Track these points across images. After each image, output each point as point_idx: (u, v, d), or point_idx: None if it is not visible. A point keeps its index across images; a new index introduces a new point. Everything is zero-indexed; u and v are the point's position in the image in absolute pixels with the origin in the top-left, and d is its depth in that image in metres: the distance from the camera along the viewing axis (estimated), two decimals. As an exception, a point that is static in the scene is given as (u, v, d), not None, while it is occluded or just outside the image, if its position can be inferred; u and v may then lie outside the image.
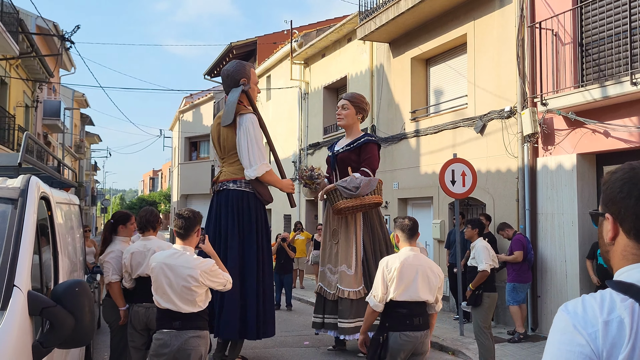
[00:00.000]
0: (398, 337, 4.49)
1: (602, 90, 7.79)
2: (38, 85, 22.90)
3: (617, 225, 1.39)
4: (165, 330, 4.21)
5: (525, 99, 9.45)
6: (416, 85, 12.89)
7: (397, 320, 4.53)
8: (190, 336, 4.18)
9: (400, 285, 4.50)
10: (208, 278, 4.23)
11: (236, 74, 7.46)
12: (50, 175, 4.48)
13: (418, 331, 4.53)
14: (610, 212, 1.41)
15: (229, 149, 7.32)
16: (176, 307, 4.19)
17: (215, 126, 7.63)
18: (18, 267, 2.52)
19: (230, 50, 24.30)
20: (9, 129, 17.05)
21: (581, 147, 8.57)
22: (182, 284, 4.16)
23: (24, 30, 17.43)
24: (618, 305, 1.26)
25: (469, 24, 10.96)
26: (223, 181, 7.31)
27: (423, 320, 4.60)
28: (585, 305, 1.29)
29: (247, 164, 7.11)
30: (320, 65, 17.58)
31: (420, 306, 4.60)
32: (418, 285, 4.54)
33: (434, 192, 11.74)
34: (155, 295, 4.30)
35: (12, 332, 2.30)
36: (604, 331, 1.23)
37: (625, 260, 1.37)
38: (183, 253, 4.28)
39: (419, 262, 4.61)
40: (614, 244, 1.41)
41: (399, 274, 4.50)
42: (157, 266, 4.28)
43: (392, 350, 4.49)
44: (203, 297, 4.27)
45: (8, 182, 3.06)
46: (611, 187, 1.41)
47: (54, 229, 3.56)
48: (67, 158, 32.41)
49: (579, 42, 8.68)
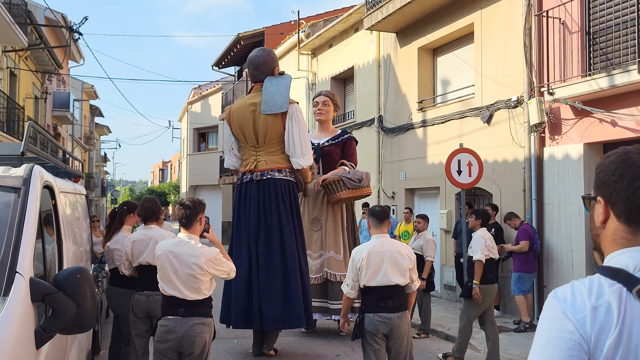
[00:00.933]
0: (372, 318, 4.80)
1: (609, 79, 7.73)
2: (47, 76, 23.03)
3: (608, 209, 1.40)
4: (170, 317, 4.28)
5: (532, 89, 9.40)
6: (423, 75, 12.85)
7: (371, 302, 4.84)
8: (195, 323, 4.24)
9: (369, 272, 4.80)
10: (212, 266, 4.29)
11: (271, 62, 7.40)
12: (55, 165, 4.52)
13: (392, 313, 4.80)
14: (602, 195, 1.41)
15: (271, 138, 7.23)
16: (181, 294, 4.25)
17: (248, 113, 7.24)
18: (20, 254, 2.55)
19: (237, 41, 24.30)
20: (19, 121, 17.18)
21: (588, 137, 8.53)
22: (187, 272, 4.23)
23: (32, 22, 17.51)
24: (606, 291, 1.27)
25: (476, 13, 10.89)
26: (265, 170, 7.20)
27: (397, 303, 4.84)
28: (574, 291, 1.30)
29: (299, 153, 7.15)
30: (327, 56, 17.55)
31: (392, 289, 4.83)
32: (387, 270, 4.81)
33: (440, 182, 11.73)
34: (161, 282, 4.37)
35: (15, 318, 2.34)
36: (592, 316, 1.24)
37: (615, 244, 1.38)
38: (188, 242, 4.34)
39: (386, 248, 4.86)
40: (604, 228, 1.42)
41: (366, 262, 4.80)
42: (162, 254, 4.35)
43: (367, 329, 4.81)
44: (207, 285, 4.34)
45: (11, 171, 3.10)
46: (604, 171, 1.42)
47: (58, 218, 3.60)
48: (77, 149, 32.62)
49: (586, 31, 8.61)
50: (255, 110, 7.20)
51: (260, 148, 7.31)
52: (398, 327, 4.81)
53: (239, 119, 7.35)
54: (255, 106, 7.23)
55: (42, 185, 3.22)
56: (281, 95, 7.15)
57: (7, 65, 17.09)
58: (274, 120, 7.15)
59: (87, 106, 38.78)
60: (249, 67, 7.48)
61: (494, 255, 6.99)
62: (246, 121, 7.27)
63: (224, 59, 27.05)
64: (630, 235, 1.36)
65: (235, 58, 27.00)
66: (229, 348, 7.67)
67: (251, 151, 7.37)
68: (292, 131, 7.19)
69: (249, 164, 7.32)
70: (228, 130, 7.54)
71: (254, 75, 7.44)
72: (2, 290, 2.39)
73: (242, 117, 7.31)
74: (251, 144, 7.35)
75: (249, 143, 7.38)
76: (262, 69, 7.35)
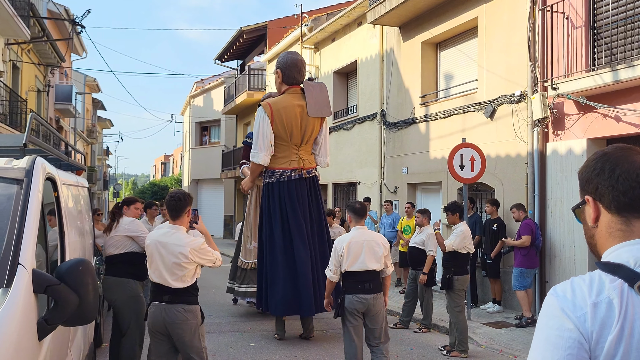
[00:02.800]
0: (352, 298, 5.44)
1: (613, 74, 7.69)
2: (50, 69, 22.99)
3: (597, 205, 1.41)
4: (157, 302, 4.52)
5: (536, 83, 9.37)
6: (426, 70, 12.81)
7: (351, 285, 5.49)
8: (178, 310, 4.45)
9: (349, 259, 5.44)
10: (197, 255, 4.49)
11: (305, 67, 8.32)
12: (57, 157, 4.52)
13: (369, 294, 5.44)
14: (588, 193, 1.43)
15: (312, 139, 8.12)
16: (166, 282, 4.46)
17: (297, 114, 7.84)
18: (22, 246, 2.55)
19: (240, 34, 24.25)
20: (21, 113, 17.17)
21: (592, 132, 8.50)
22: (173, 261, 4.44)
23: (35, 15, 17.47)
24: (607, 286, 1.26)
25: (479, 8, 10.84)
26: (310, 168, 8.06)
27: (373, 285, 5.50)
28: (574, 288, 1.29)
29: (326, 154, 8.27)
30: (330, 50, 17.51)
31: (369, 274, 5.48)
32: (365, 257, 5.45)
33: (443, 177, 11.71)
34: (149, 270, 4.60)
35: (17, 309, 2.34)
36: (592, 313, 1.23)
37: (612, 238, 1.37)
38: (175, 232, 4.55)
39: (365, 238, 5.53)
40: (597, 226, 1.41)
41: (347, 250, 5.44)
42: (151, 243, 4.57)
43: (347, 308, 5.45)
44: (192, 274, 4.53)
45: (14, 162, 3.09)
46: (586, 170, 1.44)
47: (60, 210, 3.60)
48: (79, 143, 32.63)
49: (591, 26, 8.56)
50: (302, 111, 7.89)
51: (301, 147, 8.01)
52: (374, 306, 5.45)
53: (288, 117, 7.83)
54: (301, 108, 7.90)
55: (45, 177, 3.21)
56: (326, 101, 8.07)
57: (9, 58, 17.07)
58: (317, 123, 8.05)
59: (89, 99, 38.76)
60: (291, 69, 8.00)
61: (472, 250, 7.48)
62: (296, 121, 7.86)
63: (227, 53, 27.00)
64: (625, 226, 1.35)
65: (238, 52, 26.95)
66: (231, 341, 7.69)
67: (293, 150, 7.95)
68: (326, 134, 8.24)
69: (293, 162, 7.90)
70: (269, 127, 7.76)
71: (294, 77, 8.05)
72: (5, 281, 2.39)
73: (291, 116, 7.83)
74: (295, 143, 7.94)
75: (292, 142, 7.93)
76: (303, 72, 8.19)
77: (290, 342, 7.68)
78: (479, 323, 8.81)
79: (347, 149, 16.13)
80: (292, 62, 7.98)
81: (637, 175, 1.35)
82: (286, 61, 8.02)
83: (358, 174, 15.59)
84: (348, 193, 16.69)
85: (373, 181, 14.73)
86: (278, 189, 7.80)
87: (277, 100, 8.03)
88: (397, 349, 7.40)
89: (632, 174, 1.35)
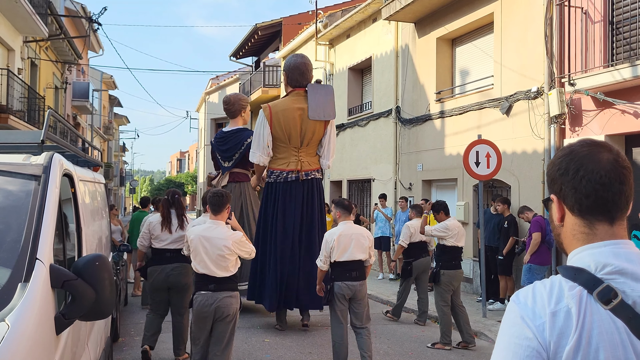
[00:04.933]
0: (340, 285, 6.04)
1: (632, 69, 7.60)
2: (67, 67, 23.23)
3: (562, 205, 1.37)
4: (203, 291, 5.02)
5: (553, 79, 9.27)
6: (441, 66, 12.73)
7: (339, 273, 6.08)
8: (224, 296, 5.00)
9: (339, 250, 6.01)
10: (238, 247, 5.04)
11: (312, 70, 8.34)
12: (74, 153, 4.56)
13: (355, 281, 6.06)
14: (553, 191, 1.39)
15: (314, 141, 8.20)
16: (211, 272, 4.98)
17: (297, 117, 7.96)
18: (40, 241, 2.58)
19: (255, 31, 24.28)
20: (39, 110, 17.37)
21: (609, 128, 8.40)
22: (217, 253, 4.96)
23: (52, 13, 17.65)
24: (566, 294, 1.24)
25: (496, 3, 10.75)
26: (309, 170, 8.16)
27: (359, 274, 6.11)
28: (535, 295, 1.28)
29: (329, 156, 8.30)
30: (345, 46, 17.47)
31: (356, 263, 6.09)
32: (353, 249, 6.03)
33: (458, 173, 11.65)
34: (194, 262, 5.10)
35: (35, 304, 2.37)
36: (551, 322, 1.22)
37: (575, 241, 1.35)
38: (217, 227, 5.06)
39: (352, 231, 6.11)
40: (563, 225, 1.39)
41: (337, 242, 6.00)
42: (195, 238, 5.05)
43: (336, 294, 6.06)
44: (234, 264, 5.08)
45: (32, 159, 3.13)
46: (551, 168, 1.40)
47: (77, 206, 3.63)
48: (96, 139, 32.93)
49: (610, 20, 8.46)
50: (302, 114, 7.98)
51: (302, 149, 8.13)
52: (359, 292, 6.09)
53: (286, 120, 7.98)
54: (302, 110, 8.00)
55: (62, 173, 3.24)
56: (329, 104, 8.11)
57: (28, 55, 17.27)
58: (320, 125, 8.11)
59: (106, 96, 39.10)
60: (293, 72, 8.13)
61: (459, 244, 7.57)
62: (294, 123, 7.98)
63: (242, 50, 27.05)
64: (588, 229, 1.33)
65: (252, 48, 26.97)
66: (245, 337, 7.72)
67: (292, 152, 8.10)
68: (331, 136, 8.27)
69: (291, 164, 8.07)
70: (267, 128, 8.01)
71: (297, 80, 8.15)
72: (23, 276, 2.42)
73: (290, 119, 7.97)
74: (294, 145, 8.09)
75: (291, 144, 8.09)
76: (307, 75, 8.19)
77: (304, 338, 7.70)
78: (494, 320, 8.77)
79: (361, 145, 16.10)
80: (295, 65, 8.16)
81: (600, 177, 1.30)
82: (289, 64, 8.25)
83: (373, 170, 15.56)
84: (363, 190, 16.67)
85: (388, 178, 14.69)
86: (274, 189, 8.17)
87: (277, 103, 8.44)
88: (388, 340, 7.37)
89: (596, 175, 1.30)
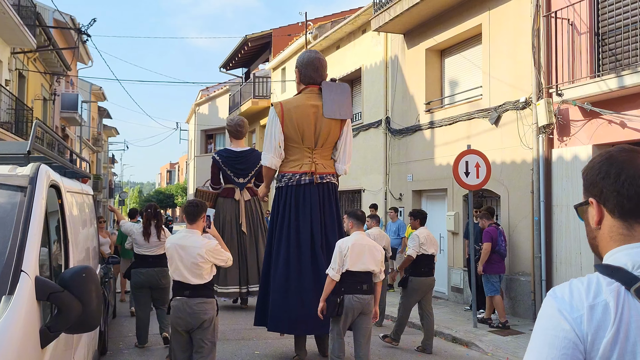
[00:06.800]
0: (351, 298, 5.80)
1: (618, 80, 7.67)
2: (56, 78, 23.13)
3: (601, 208, 1.41)
4: (178, 297, 5.11)
5: (541, 90, 9.35)
6: (431, 77, 12.81)
7: (350, 285, 5.82)
8: (198, 302, 5.07)
9: (353, 259, 5.82)
10: (212, 255, 5.09)
11: (326, 66, 7.55)
12: (62, 164, 4.53)
13: (366, 295, 5.87)
14: (592, 195, 1.43)
15: (329, 142, 7.36)
16: (186, 279, 5.06)
17: (311, 114, 7.15)
18: (26, 253, 2.55)
19: (245, 42, 24.34)
20: (27, 122, 17.26)
21: (597, 138, 8.46)
22: (191, 261, 5.03)
23: (41, 24, 17.61)
24: (604, 289, 1.28)
25: (484, 14, 10.85)
26: (324, 174, 7.35)
27: (369, 287, 5.93)
28: (572, 290, 1.31)
29: (346, 160, 7.55)
30: (334, 57, 17.54)
31: (367, 275, 5.91)
32: (366, 259, 5.88)
33: (448, 183, 11.68)
34: (170, 270, 5.21)
35: (20, 316, 2.34)
36: (589, 315, 1.25)
37: (613, 242, 1.39)
38: (192, 235, 5.14)
39: (366, 242, 6.01)
40: (600, 228, 1.42)
41: (351, 251, 5.82)
42: (171, 247, 5.16)
43: (346, 308, 5.81)
44: (209, 271, 5.14)
45: (18, 169, 3.10)
46: (591, 172, 1.44)
47: (64, 217, 3.60)
48: (85, 151, 32.75)
49: (595, 32, 8.55)
50: (317, 112, 7.17)
51: (316, 151, 7.29)
52: (368, 306, 5.91)
53: (299, 117, 7.15)
54: (316, 108, 7.17)
55: (49, 184, 3.21)
56: (346, 102, 7.38)
57: (15, 66, 17.18)
58: (335, 125, 7.29)
59: (95, 108, 38.95)
60: (307, 68, 7.35)
61: (428, 252, 7.75)
62: (308, 121, 7.16)
63: (232, 61, 27.09)
64: (627, 231, 1.37)
65: (243, 60, 27.03)
66: (235, 349, 7.66)
67: (306, 153, 7.27)
68: (347, 139, 7.46)
69: (305, 166, 7.23)
70: (278, 126, 7.18)
71: (311, 77, 7.35)
72: (8, 288, 2.39)
73: (303, 116, 7.15)
74: (307, 146, 7.25)
75: (305, 144, 7.25)
76: (321, 72, 7.40)
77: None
78: (485, 330, 8.76)
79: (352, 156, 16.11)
80: (309, 60, 7.41)
81: None
82: (303, 59, 7.50)
83: (363, 181, 15.57)
84: (353, 200, 16.67)
85: (378, 188, 14.70)
86: (286, 193, 7.32)
87: (289, 99, 7.65)
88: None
89: (638, 180, 1.36)
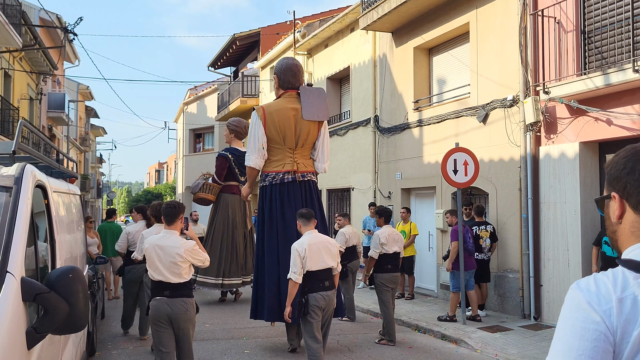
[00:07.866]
0: (316, 296, 6.07)
1: (604, 77, 7.73)
2: (42, 77, 22.91)
3: (623, 202, 1.41)
4: (158, 297, 5.20)
5: (528, 88, 9.40)
6: (419, 75, 12.84)
7: (313, 284, 6.09)
8: (180, 302, 5.18)
9: (312, 259, 6.05)
10: (190, 255, 5.22)
11: (303, 72, 8.29)
12: (48, 164, 4.49)
13: (329, 290, 6.16)
14: (615, 190, 1.43)
15: (308, 143, 8.01)
16: (166, 278, 5.16)
17: (291, 117, 7.80)
18: (11, 254, 2.52)
19: (233, 41, 24.26)
20: (13, 122, 17.09)
21: (584, 136, 8.53)
22: (170, 260, 5.15)
23: (27, 23, 17.43)
24: (631, 283, 1.27)
25: (471, 13, 10.89)
26: (305, 172, 7.98)
27: (330, 283, 6.21)
28: (598, 283, 1.30)
29: (325, 159, 8.16)
30: (323, 56, 17.53)
31: (328, 271, 6.18)
32: (324, 256, 6.13)
33: (436, 181, 11.72)
34: (150, 269, 5.27)
35: (5, 318, 2.31)
36: (618, 308, 1.24)
37: (634, 237, 1.38)
38: (170, 236, 5.27)
39: (319, 239, 6.21)
40: (621, 223, 1.42)
41: (309, 252, 6.03)
42: (150, 247, 5.24)
43: (311, 306, 6.05)
44: (187, 271, 5.26)
45: (3, 169, 3.07)
46: (615, 167, 1.44)
47: (50, 217, 3.57)
48: (72, 151, 32.50)
49: (582, 30, 8.61)
50: (297, 114, 7.85)
51: (297, 151, 7.95)
52: (331, 301, 6.25)
53: (281, 120, 7.81)
54: (296, 111, 7.87)
55: (35, 184, 3.18)
56: (323, 105, 8.03)
57: (1, 66, 17.01)
58: (314, 127, 7.97)
59: (82, 107, 38.64)
60: (285, 74, 8.04)
61: (389, 252, 8.03)
62: (289, 123, 7.83)
63: (220, 60, 26.99)
64: None
65: (231, 58, 26.94)
66: (225, 349, 7.65)
67: (287, 153, 7.90)
68: (324, 140, 8.13)
69: (287, 165, 7.86)
70: (261, 129, 7.82)
71: (289, 82, 8.05)
72: (-7, 290, 2.36)
73: (285, 119, 7.81)
74: (289, 146, 7.90)
75: (286, 145, 7.89)
76: (299, 77, 8.11)
77: (286, 351, 7.63)
78: (474, 327, 8.80)
79: (340, 154, 16.13)
80: (287, 66, 8.05)
81: None
82: (281, 66, 8.13)
83: (352, 179, 15.58)
84: (342, 199, 16.68)
85: (367, 187, 14.72)
86: (270, 191, 7.87)
87: (270, 103, 8.26)
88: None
89: None
